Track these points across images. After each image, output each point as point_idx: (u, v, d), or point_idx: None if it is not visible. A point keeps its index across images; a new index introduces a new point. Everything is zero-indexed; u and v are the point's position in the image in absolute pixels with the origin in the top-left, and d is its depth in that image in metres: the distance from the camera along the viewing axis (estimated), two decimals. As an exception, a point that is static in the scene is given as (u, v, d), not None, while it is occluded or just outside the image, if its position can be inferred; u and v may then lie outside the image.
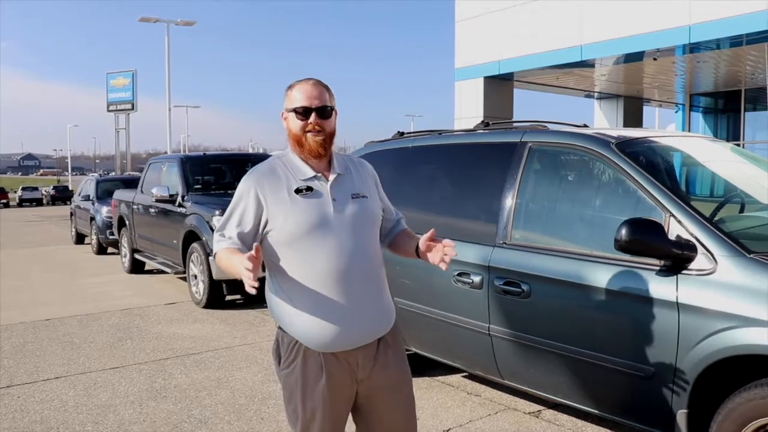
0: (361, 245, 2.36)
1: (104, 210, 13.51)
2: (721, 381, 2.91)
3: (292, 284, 2.33)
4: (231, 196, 8.33)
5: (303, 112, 2.34)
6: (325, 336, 2.31)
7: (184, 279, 8.96)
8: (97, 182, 15.55)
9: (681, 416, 2.97)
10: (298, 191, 2.33)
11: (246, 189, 2.37)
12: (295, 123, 2.36)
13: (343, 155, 2.55)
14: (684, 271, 2.97)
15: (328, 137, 2.38)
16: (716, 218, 3.42)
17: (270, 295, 2.45)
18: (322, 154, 2.38)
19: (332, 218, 2.33)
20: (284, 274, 2.34)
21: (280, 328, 2.42)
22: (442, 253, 2.32)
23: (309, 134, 2.35)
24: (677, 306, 2.94)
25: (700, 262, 2.94)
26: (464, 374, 5.08)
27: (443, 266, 2.34)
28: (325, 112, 2.36)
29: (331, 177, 2.39)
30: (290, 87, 2.42)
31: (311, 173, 2.38)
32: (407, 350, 4.92)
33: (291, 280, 2.33)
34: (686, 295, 2.92)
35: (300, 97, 2.35)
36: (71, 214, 17.62)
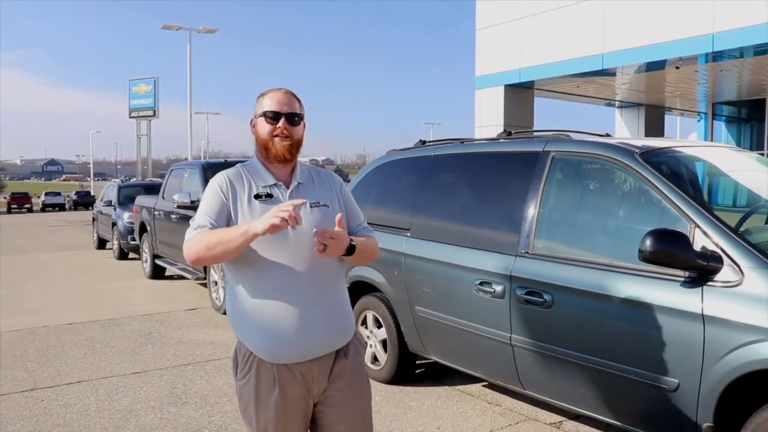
0: (318, 255, 2.28)
1: (126, 215, 13.61)
2: (748, 395, 2.88)
3: (247, 293, 2.34)
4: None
5: (272, 117, 2.37)
6: (276, 347, 2.31)
7: (205, 285, 9.01)
8: (119, 188, 15.68)
9: (706, 430, 2.93)
10: (257, 197, 2.36)
11: (212, 189, 2.39)
12: (263, 127, 2.39)
13: (308, 166, 2.56)
14: (709, 283, 2.94)
15: (295, 144, 2.40)
16: (742, 229, 3.38)
17: (227, 305, 2.47)
18: (288, 159, 2.40)
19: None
20: (239, 282, 2.36)
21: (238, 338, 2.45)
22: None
23: (276, 139, 2.37)
24: (703, 318, 2.91)
25: (726, 273, 2.91)
26: (485, 383, 5.06)
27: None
28: (294, 118, 2.39)
29: (292, 185, 2.42)
30: (262, 95, 2.45)
31: (272, 180, 2.41)
32: (427, 359, 4.92)
33: (245, 289, 2.34)
34: (712, 307, 2.89)
35: (270, 103, 2.39)
36: (93, 220, 17.82)
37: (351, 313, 2.52)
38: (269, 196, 2.37)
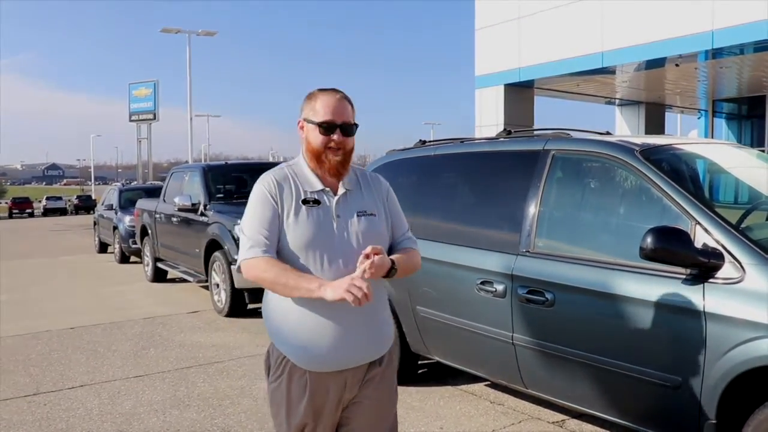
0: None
1: (127, 219, 13.64)
2: (751, 391, 2.87)
3: (288, 300, 2.28)
4: (253, 205, 8.01)
5: (327, 128, 2.28)
6: (312, 356, 2.27)
7: (207, 288, 9.02)
8: (120, 191, 15.70)
9: (709, 427, 2.92)
10: (305, 202, 2.29)
11: (260, 195, 2.32)
12: (316, 138, 2.30)
13: (356, 169, 2.47)
14: (711, 280, 2.93)
15: (348, 155, 2.33)
16: (743, 226, 3.37)
17: (265, 306, 2.43)
18: (341, 173, 2.33)
19: (334, 235, 2.27)
20: None
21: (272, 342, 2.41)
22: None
23: (330, 153, 2.29)
24: (704, 315, 2.90)
25: (727, 270, 2.90)
26: (487, 383, 5.05)
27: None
28: (350, 129, 2.31)
29: (339, 192, 2.34)
30: (313, 96, 2.34)
31: (320, 186, 2.33)
32: (429, 359, 4.91)
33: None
34: (713, 304, 2.89)
35: (325, 111, 2.28)
36: (94, 223, 17.82)
37: (391, 324, 2.47)
38: (317, 202, 2.30)
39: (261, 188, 2.33)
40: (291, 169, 2.38)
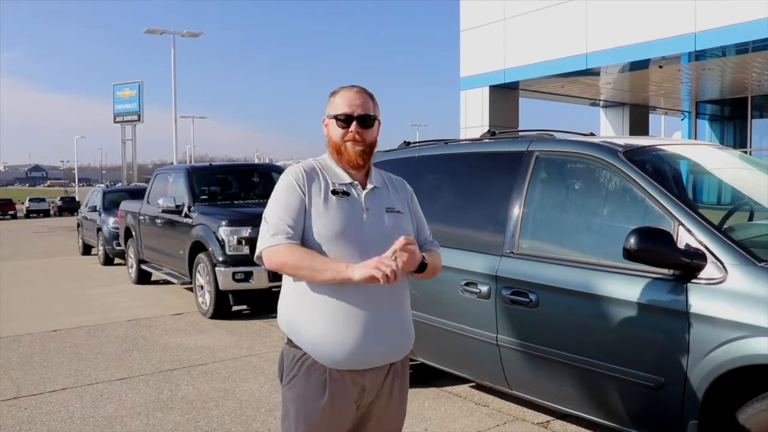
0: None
1: (111, 221, 13.54)
2: (733, 391, 2.88)
3: (312, 290, 2.23)
4: (237, 206, 8.27)
5: (344, 120, 2.29)
6: (336, 350, 2.20)
7: (191, 290, 8.96)
8: (104, 193, 15.62)
9: (692, 427, 2.93)
10: (334, 192, 2.27)
11: (287, 183, 2.29)
12: (335, 130, 2.32)
13: (382, 171, 2.49)
14: (694, 280, 2.94)
15: (368, 148, 2.33)
16: (725, 226, 3.39)
17: (284, 302, 2.35)
18: (360, 165, 2.32)
19: (362, 228, 2.26)
20: (307, 282, 2.25)
21: (287, 342, 2.33)
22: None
23: (348, 143, 2.30)
24: (687, 315, 2.91)
25: (709, 271, 2.91)
26: (472, 384, 5.05)
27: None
28: (367, 120, 2.31)
29: (368, 187, 2.34)
30: (334, 93, 2.37)
31: (348, 179, 2.32)
32: (413, 360, 4.90)
33: (313, 290, 2.23)
34: (696, 304, 2.90)
35: (342, 103, 2.31)
36: (78, 225, 17.69)
37: (412, 324, 2.44)
38: (345, 193, 2.29)
39: (288, 177, 2.31)
40: (318, 163, 2.37)
